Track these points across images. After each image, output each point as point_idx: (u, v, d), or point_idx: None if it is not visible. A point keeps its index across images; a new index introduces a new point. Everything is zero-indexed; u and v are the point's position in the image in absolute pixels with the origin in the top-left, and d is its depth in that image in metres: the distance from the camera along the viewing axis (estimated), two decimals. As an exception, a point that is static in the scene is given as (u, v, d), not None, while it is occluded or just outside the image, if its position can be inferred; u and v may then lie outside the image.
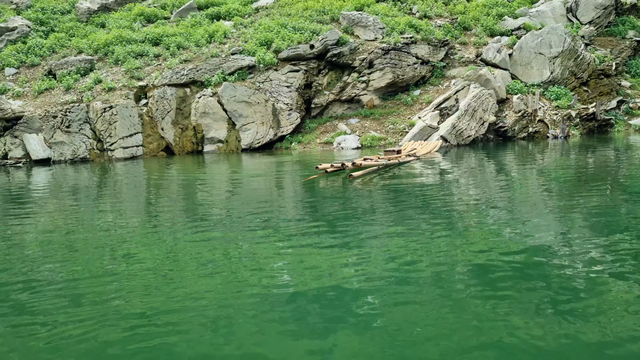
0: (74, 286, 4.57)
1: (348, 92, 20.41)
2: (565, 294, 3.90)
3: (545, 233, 5.70)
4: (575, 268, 4.47)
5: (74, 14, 25.82)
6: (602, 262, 4.61)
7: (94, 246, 5.97)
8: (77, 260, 5.42)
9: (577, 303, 3.73)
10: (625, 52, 23.41)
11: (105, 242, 6.17)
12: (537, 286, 4.06)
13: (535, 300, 3.77)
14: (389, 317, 3.63)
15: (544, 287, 4.05)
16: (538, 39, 21.19)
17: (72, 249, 5.93)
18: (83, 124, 17.63)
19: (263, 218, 7.09)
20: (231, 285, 4.48)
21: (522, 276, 4.30)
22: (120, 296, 4.28)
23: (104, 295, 4.31)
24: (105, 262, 5.30)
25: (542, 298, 3.82)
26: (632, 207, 7.04)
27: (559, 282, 4.13)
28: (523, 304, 3.73)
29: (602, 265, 4.50)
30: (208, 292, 4.30)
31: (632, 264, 4.49)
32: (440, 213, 7.02)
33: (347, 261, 4.97)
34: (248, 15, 24.94)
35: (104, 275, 4.84)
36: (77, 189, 11.36)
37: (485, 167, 12.37)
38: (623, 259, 4.65)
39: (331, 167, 10.91)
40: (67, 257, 5.55)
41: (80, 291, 4.43)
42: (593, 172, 10.84)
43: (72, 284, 4.63)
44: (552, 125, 19.40)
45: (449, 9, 24.93)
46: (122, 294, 4.34)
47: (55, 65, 20.60)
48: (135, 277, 4.79)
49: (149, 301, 4.14)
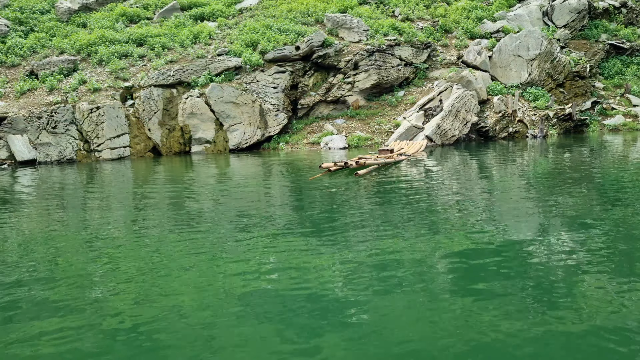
0: (53, 291, 4.45)
1: (334, 93, 20.73)
2: (543, 288, 4.02)
3: (525, 230, 5.88)
4: (553, 264, 4.62)
5: (54, 13, 25.48)
6: (579, 257, 4.78)
7: (75, 249, 5.85)
8: (57, 264, 5.27)
9: (554, 297, 3.84)
10: (598, 54, 24.36)
11: (87, 245, 6.03)
12: (517, 283, 4.17)
13: (515, 296, 3.88)
14: (374, 316, 3.64)
15: (523, 283, 4.16)
16: (516, 42, 21.89)
17: (52, 253, 5.75)
18: (69, 124, 17.49)
19: (251, 220, 6.99)
20: (216, 287, 4.40)
21: (503, 273, 4.41)
22: (100, 300, 4.18)
23: (84, 299, 4.21)
24: (87, 266, 5.16)
25: (522, 293, 3.93)
26: (606, 203, 7.41)
27: (538, 278, 4.26)
28: (504, 300, 3.82)
29: (579, 261, 4.68)
30: (191, 294, 4.22)
31: (606, 259, 4.69)
32: (426, 212, 7.18)
33: (333, 261, 4.94)
34: (232, 16, 25.05)
35: (85, 279, 4.74)
36: (63, 190, 11.19)
37: (470, 166, 12.79)
38: (598, 254, 4.84)
39: (334, 166, 11.32)
40: (47, 261, 5.39)
41: (58, 297, 4.32)
42: (570, 171, 11.28)
43: (51, 289, 4.51)
44: (531, 125, 20.09)
45: (430, 12, 25.51)
46: (103, 297, 4.24)
47: (37, 66, 20.34)
48: (117, 280, 4.68)
49: (130, 305, 4.06)
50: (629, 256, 4.77)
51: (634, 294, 3.86)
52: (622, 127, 21.20)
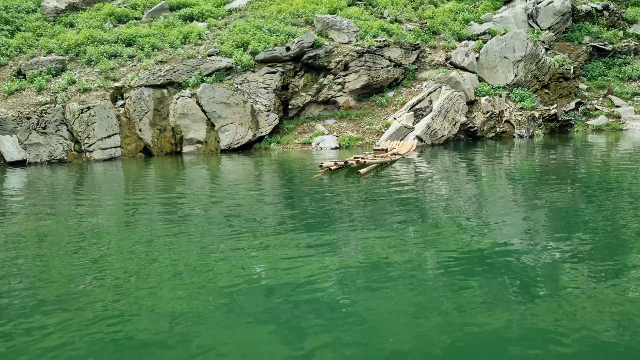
0: (41, 290, 4.44)
1: (324, 93, 20.89)
2: (528, 286, 4.14)
3: (511, 228, 6.01)
4: (538, 261, 4.74)
5: (40, 13, 25.22)
6: (563, 254, 4.91)
7: (61, 250, 5.79)
8: (43, 265, 5.22)
9: (539, 294, 3.95)
10: (582, 56, 24.92)
11: (73, 246, 5.97)
12: (503, 280, 4.28)
13: (501, 294, 3.99)
14: (362, 316, 3.67)
15: (509, 280, 4.27)
16: (502, 44, 22.30)
17: (38, 254, 5.67)
18: (59, 125, 17.37)
19: (243, 220, 6.96)
20: (204, 287, 4.38)
21: (489, 270, 4.51)
22: (88, 299, 4.14)
23: (72, 297, 4.18)
24: (75, 264, 5.12)
25: (507, 291, 4.04)
26: (589, 200, 7.65)
27: (523, 275, 4.37)
28: (490, 297, 3.91)
29: (562, 257, 4.81)
30: (179, 294, 4.19)
31: (588, 255, 4.83)
32: (416, 211, 7.29)
33: (322, 262, 4.94)
34: (221, 16, 25.06)
35: (72, 278, 4.72)
36: (53, 191, 11.09)
37: (460, 165, 13.04)
38: (580, 251, 4.98)
39: (335, 165, 11.49)
40: (35, 261, 5.35)
41: (45, 296, 4.31)
42: (555, 169, 11.55)
43: (39, 288, 4.49)
44: (517, 125, 20.50)
45: (418, 14, 25.83)
46: (91, 297, 4.20)
47: (25, 66, 20.13)
48: (106, 280, 4.65)
49: (116, 305, 4.03)
50: (611, 252, 4.93)
51: (614, 290, 3.98)
52: (605, 127, 21.74)
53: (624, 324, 3.38)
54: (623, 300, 3.77)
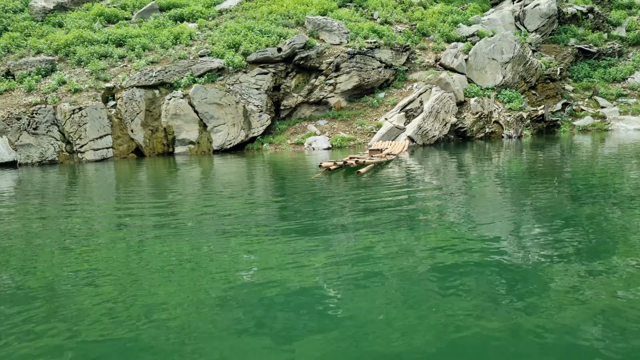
0: (33, 293, 4.41)
1: (316, 94, 21.03)
2: (516, 284, 4.20)
3: (499, 227, 6.10)
4: (526, 260, 4.81)
5: (28, 12, 25.00)
6: (551, 253, 5.00)
7: (52, 252, 5.72)
8: (33, 267, 5.18)
9: (527, 293, 4.00)
10: (568, 58, 25.39)
11: (67, 245, 5.91)
12: (491, 279, 4.34)
13: (490, 292, 4.04)
14: (353, 316, 3.70)
15: (497, 279, 4.33)
16: (491, 46, 22.65)
17: (28, 257, 5.59)
18: (51, 125, 17.26)
19: (236, 221, 6.97)
20: (195, 287, 4.39)
21: (478, 270, 4.58)
22: (77, 305, 4.10)
23: (60, 303, 4.14)
24: (63, 268, 5.08)
25: (496, 290, 4.10)
26: (576, 199, 7.82)
27: (511, 274, 4.44)
28: (479, 296, 3.97)
29: (550, 257, 4.88)
30: (171, 297, 4.19)
31: (576, 255, 4.90)
32: (407, 211, 7.35)
33: (313, 262, 4.96)
34: (212, 17, 25.07)
35: (64, 280, 4.70)
36: (44, 192, 10.97)
37: (451, 165, 13.24)
38: (568, 251, 5.06)
39: (334, 165, 11.64)
40: (26, 262, 5.31)
41: (34, 296, 4.30)
42: (543, 169, 11.76)
43: (30, 290, 4.46)
44: (506, 126, 20.84)
45: (408, 16, 26.10)
46: (80, 302, 4.17)
47: (13, 66, 19.97)
48: (96, 282, 4.62)
49: (108, 308, 4.02)
50: (598, 251, 5.03)
51: (602, 289, 4.07)
52: (591, 127, 22.19)
53: (612, 324, 3.43)
54: (611, 299, 3.83)
